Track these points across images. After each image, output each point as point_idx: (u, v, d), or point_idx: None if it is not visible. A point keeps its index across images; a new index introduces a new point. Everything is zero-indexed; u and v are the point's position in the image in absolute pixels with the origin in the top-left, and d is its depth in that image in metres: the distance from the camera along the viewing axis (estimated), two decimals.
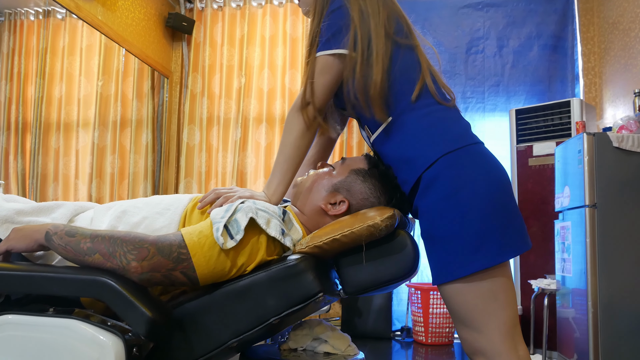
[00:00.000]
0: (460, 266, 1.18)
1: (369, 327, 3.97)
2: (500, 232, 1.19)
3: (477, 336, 1.21)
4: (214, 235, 1.12)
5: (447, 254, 1.20)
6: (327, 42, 1.28)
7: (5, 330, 1.05)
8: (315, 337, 1.36)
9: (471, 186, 1.20)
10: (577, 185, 2.84)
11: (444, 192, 1.20)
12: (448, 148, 1.22)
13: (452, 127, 1.28)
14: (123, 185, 4.11)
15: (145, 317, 1.02)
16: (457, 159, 1.22)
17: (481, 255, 1.17)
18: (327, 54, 1.28)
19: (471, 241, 1.18)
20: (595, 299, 2.68)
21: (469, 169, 1.22)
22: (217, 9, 4.61)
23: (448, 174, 1.21)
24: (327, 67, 1.29)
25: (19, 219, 1.27)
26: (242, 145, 4.42)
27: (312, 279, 1.12)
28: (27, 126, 3.42)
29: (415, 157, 1.24)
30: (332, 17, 1.29)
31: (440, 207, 1.20)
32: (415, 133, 1.26)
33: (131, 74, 4.18)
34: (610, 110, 3.83)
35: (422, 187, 1.23)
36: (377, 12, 1.30)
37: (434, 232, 1.22)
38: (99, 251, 1.10)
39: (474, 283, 1.19)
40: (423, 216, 1.24)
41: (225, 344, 1.11)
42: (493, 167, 1.25)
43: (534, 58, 4.18)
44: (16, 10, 3.39)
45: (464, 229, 1.18)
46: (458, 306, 1.22)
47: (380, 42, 1.27)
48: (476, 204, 1.19)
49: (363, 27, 1.27)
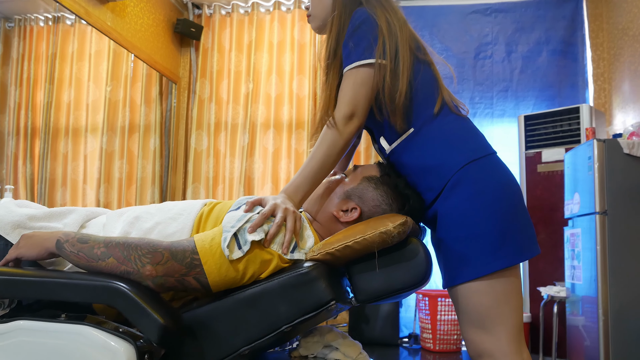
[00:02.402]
0: (484, 264, 1.21)
1: (377, 333, 3.95)
2: (518, 233, 1.24)
3: (485, 338, 1.23)
4: (221, 246, 1.12)
5: (469, 253, 1.23)
6: (363, 53, 1.29)
7: (17, 335, 1.05)
8: (326, 344, 1.35)
9: (493, 189, 1.25)
10: (588, 191, 2.82)
11: (468, 193, 1.24)
12: (473, 156, 1.27)
13: (473, 137, 1.33)
14: (131, 190, 4.12)
15: (157, 324, 1.02)
16: (480, 166, 1.27)
17: (502, 255, 1.21)
18: (366, 65, 1.29)
19: (493, 241, 1.22)
20: (606, 307, 2.66)
21: (489, 175, 1.27)
22: (225, 15, 4.63)
23: (471, 178, 1.25)
24: (367, 78, 1.30)
25: (31, 224, 1.27)
26: (250, 150, 4.42)
27: (324, 286, 1.11)
28: (36, 131, 3.43)
29: (441, 164, 1.28)
30: (362, 29, 1.30)
31: (464, 207, 1.24)
32: (439, 142, 1.30)
33: (139, 80, 4.20)
34: (620, 117, 3.81)
35: (445, 192, 1.26)
36: (402, 26, 1.34)
37: (455, 233, 1.24)
38: (113, 255, 1.10)
39: (491, 284, 1.22)
40: (444, 218, 1.27)
41: (237, 351, 1.11)
42: (508, 175, 1.31)
43: (543, 64, 4.16)
44: (26, 16, 3.41)
45: (486, 228, 1.22)
46: (471, 307, 1.24)
47: (406, 54, 1.31)
48: (497, 206, 1.24)
49: (391, 38, 1.30)
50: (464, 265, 1.23)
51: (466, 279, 1.23)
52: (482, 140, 1.34)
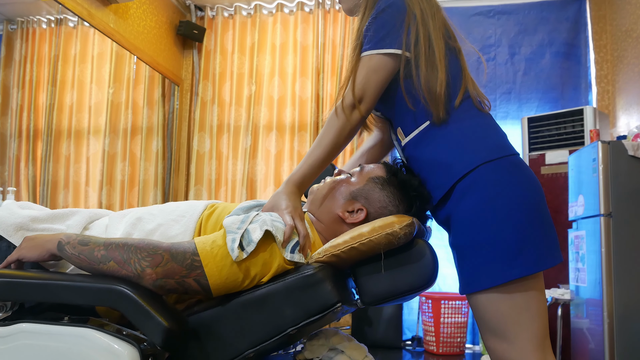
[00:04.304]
0: (497, 274, 1.16)
1: (380, 336, 3.94)
2: (538, 240, 1.17)
3: (507, 347, 1.18)
4: (228, 246, 1.09)
5: (484, 260, 1.17)
6: (381, 40, 1.25)
7: (20, 339, 1.04)
8: (331, 347, 1.34)
9: (510, 193, 1.18)
10: (592, 193, 2.81)
11: (483, 198, 1.18)
12: (489, 157, 1.20)
13: (493, 136, 1.27)
14: (133, 192, 4.11)
15: (161, 327, 1.01)
16: (497, 167, 1.20)
17: (519, 263, 1.15)
18: (382, 53, 1.25)
19: (509, 248, 1.16)
20: (611, 309, 2.64)
21: (507, 177, 1.20)
22: (228, 17, 4.62)
23: (486, 181, 1.19)
24: (381, 66, 1.25)
25: (34, 226, 1.26)
26: (252, 152, 4.42)
27: (330, 288, 1.10)
28: (39, 133, 3.43)
29: (453, 162, 1.22)
30: (384, 15, 1.25)
31: (478, 212, 1.18)
32: (455, 138, 1.24)
33: (142, 82, 4.19)
34: (624, 119, 3.80)
35: (457, 193, 1.21)
36: (435, 14, 1.29)
37: (470, 239, 1.19)
38: (114, 259, 1.09)
39: (509, 292, 1.16)
40: (457, 223, 1.22)
41: (242, 354, 1.09)
42: (530, 178, 1.23)
43: (546, 66, 4.15)
44: (28, 19, 3.42)
45: (502, 235, 1.16)
46: (489, 315, 1.19)
47: (441, 43, 1.27)
48: (515, 211, 1.17)
49: (424, 27, 1.26)
50: (479, 273, 1.18)
51: (481, 287, 1.18)
52: (502, 140, 1.27)
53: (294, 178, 1.29)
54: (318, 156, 1.28)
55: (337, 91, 1.40)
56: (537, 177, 1.28)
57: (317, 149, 1.28)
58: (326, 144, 1.28)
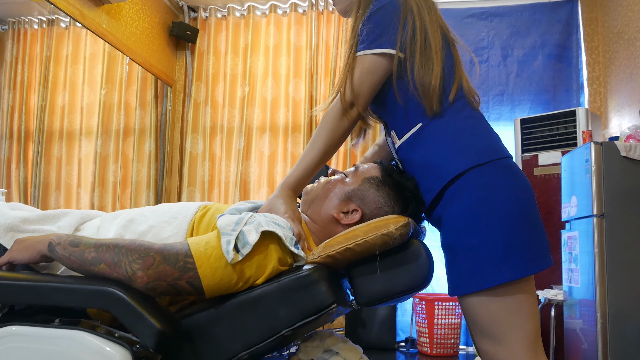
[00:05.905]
0: (486, 277, 1.15)
1: (373, 337, 3.93)
2: (527, 244, 1.17)
3: (499, 348, 1.18)
4: (223, 248, 1.08)
5: (471, 264, 1.16)
6: (374, 40, 1.24)
7: (9, 342, 1.02)
8: (326, 349, 1.33)
9: (499, 197, 1.17)
10: (585, 194, 2.82)
11: (471, 201, 1.17)
12: (479, 160, 1.19)
13: (485, 139, 1.25)
14: (125, 194, 4.09)
15: (153, 329, 0.99)
16: (487, 171, 1.19)
17: (508, 267, 1.14)
18: (375, 53, 1.24)
19: (498, 252, 1.15)
20: (604, 310, 2.64)
21: (497, 181, 1.19)
22: (221, 18, 4.61)
23: (476, 185, 1.18)
24: (375, 67, 1.25)
25: (24, 227, 1.24)
26: (246, 154, 4.40)
27: (325, 289, 1.09)
28: (30, 134, 3.40)
29: (442, 164, 1.21)
30: (378, 16, 1.25)
31: (467, 216, 1.17)
32: (446, 141, 1.23)
33: (135, 83, 4.17)
34: (616, 120, 3.82)
35: (447, 196, 1.20)
36: (430, 8, 1.29)
37: (459, 242, 1.18)
38: (104, 261, 1.07)
39: (500, 294, 1.16)
40: (447, 225, 1.21)
41: (236, 356, 1.08)
42: (521, 181, 1.23)
43: (539, 67, 4.17)
44: (20, 19, 3.39)
45: (490, 239, 1.15)
46: (480, 318, 1.19)
47: (437, 36, 1.26)
48: (504, 215, 1.16)
49: (421, 20, 1.25)
50: (466, 276, 1.17)
51: (469, 290, 1.17)
52: (494, 142, 1.25)
53: (289, 181, 1.28)
54: (312, 158, 1.28)
55: (330, 92, 1.39)
56: (530, 178, 1.27)
57: (311, 151, 1.28)
58: (320, 145, 1.27)
